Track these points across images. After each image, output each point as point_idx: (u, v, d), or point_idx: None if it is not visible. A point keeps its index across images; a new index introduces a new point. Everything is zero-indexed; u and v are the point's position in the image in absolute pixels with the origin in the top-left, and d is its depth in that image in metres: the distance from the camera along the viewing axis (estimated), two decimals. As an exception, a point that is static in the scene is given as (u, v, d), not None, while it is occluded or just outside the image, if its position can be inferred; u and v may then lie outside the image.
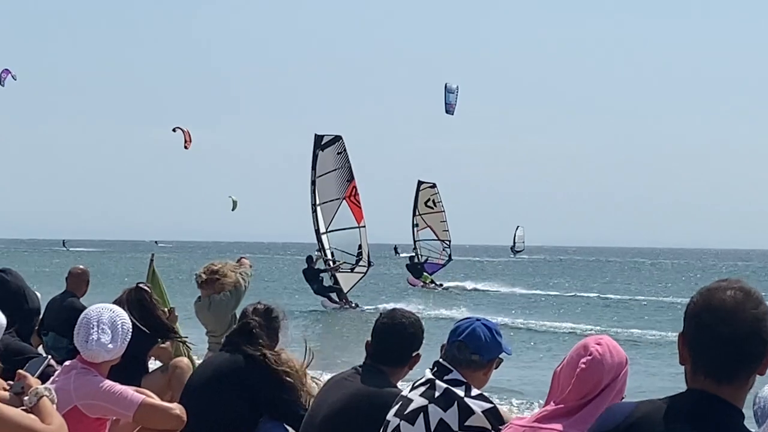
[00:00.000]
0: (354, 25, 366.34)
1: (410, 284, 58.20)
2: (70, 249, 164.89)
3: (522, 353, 26.92)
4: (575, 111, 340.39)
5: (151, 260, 11.95)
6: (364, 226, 42.32)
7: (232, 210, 66.20)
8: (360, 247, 42.39)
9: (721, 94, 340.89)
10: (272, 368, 6.44)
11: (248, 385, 6.47)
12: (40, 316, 6.97)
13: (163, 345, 9.44)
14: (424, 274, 58.72)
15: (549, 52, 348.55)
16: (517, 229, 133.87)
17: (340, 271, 41.90)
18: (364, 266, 42.61)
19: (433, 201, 59.71)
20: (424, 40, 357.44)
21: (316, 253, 42.54)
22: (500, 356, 5.21)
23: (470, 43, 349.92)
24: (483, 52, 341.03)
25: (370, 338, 5.74)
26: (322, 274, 41.56)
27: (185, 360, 9.22)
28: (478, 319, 5.25)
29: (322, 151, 41.70)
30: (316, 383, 6.73)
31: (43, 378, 5.27)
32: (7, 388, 4.74)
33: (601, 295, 59.75)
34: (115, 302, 9.35)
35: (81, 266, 12.69)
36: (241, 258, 11.29)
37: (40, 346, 10.82)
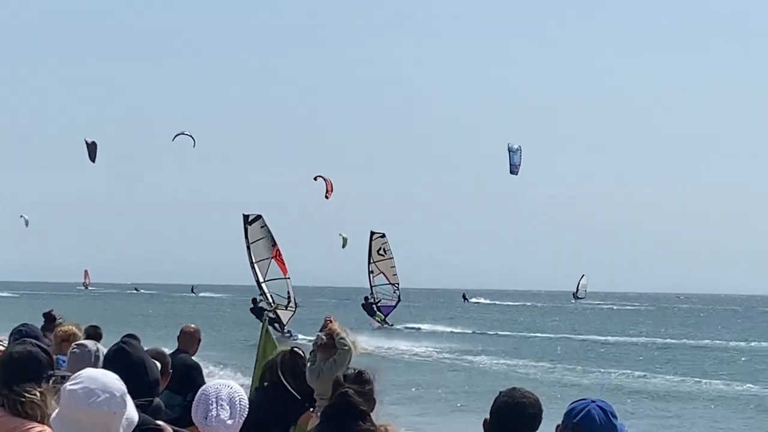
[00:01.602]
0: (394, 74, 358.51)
1: (371, 324, 65.09)
2: (199, 295, 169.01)
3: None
4: (636, 159, 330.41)
5: (264, 321, 11.81)
6: (289, 278, 56.36)
7: (343, 247, 68.19)
8: (288, 292, 55.77)
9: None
10: None
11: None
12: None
13: (312, 412, 9.53)
14: (377, 313, 66.34)
15: (616, 96, 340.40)
16: (581, 277, 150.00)
17: (279, 309, 55.26)
18: (293, 307, 56.05)
19: (384, 249, 66.60)
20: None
21: (259, 297, 57.41)
22: (615, 438, 5.20)
23: (524, 89, 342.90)
24: (543, 98, 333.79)
25: (488, 416, 5.70)
26: (266, 312, 52.50)
27: None
28: (593, 401, 5.25)
29: (250, 225, 56.25)
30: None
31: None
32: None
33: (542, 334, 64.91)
34: (267, 364, 9.51)
35: (193, 325, 12.89)
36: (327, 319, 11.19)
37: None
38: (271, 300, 55.80)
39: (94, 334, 11.03)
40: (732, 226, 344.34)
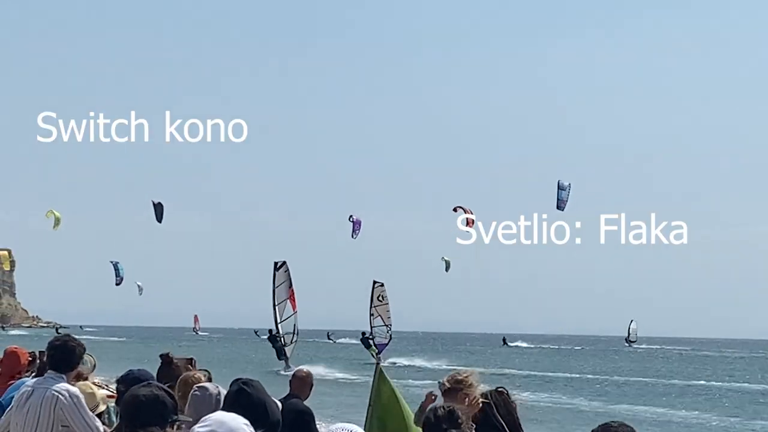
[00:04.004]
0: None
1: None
2: (337, 341, 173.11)
3: None
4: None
5: (377, 363, 11.14)
6: (296, 312, 67.91)
7: (446, 270, 75.94)
8: (294, 326, 68.08)
9: None
10: None
11: None
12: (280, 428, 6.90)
13: None
14: (372, 347, 77.44)
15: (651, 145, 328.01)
16: (631, 322, 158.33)
17: (286, 346, 68.35)
18: (295, 340, 68.74)
19: (382, 296, 77.65)
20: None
21: (273, 331, 69.56)
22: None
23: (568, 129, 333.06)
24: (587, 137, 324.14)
25: None
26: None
27: None
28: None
29: (277, 271, 66.91)
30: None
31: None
32: None
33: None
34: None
35: (305, 369, 12.67)
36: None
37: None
38: (282, 337, 69.17)
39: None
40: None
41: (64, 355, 8.38)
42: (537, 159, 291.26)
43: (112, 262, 68.75)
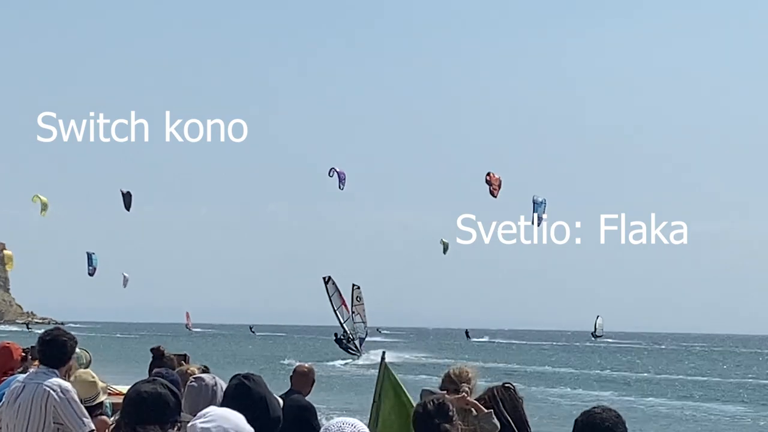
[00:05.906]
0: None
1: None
2: (257, 333, 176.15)
3: None
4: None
5: (383, 359, 10.77)
6: (350, 317, 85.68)
7: (444, 252, 74.76)
8: (353, 327, 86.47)
9: None
10: None
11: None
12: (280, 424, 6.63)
13: None
14: (355, 344, 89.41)
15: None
16: (597, 318, 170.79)
17: (354, 340, 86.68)
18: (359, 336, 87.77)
19: (358, 297, 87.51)
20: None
21: (340, 334, 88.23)
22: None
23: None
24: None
25: None
26: (344, 342, 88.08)
27: None
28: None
29: (327, 284, 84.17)
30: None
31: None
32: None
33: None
34: (481, 398, 9.11)
35: (306, 365, 12.47)
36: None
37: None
38: (350, 334, 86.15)
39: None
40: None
41: (54, 350, 8.12)
42: (537, 158, 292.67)
43: (87, 252, 67.48)
